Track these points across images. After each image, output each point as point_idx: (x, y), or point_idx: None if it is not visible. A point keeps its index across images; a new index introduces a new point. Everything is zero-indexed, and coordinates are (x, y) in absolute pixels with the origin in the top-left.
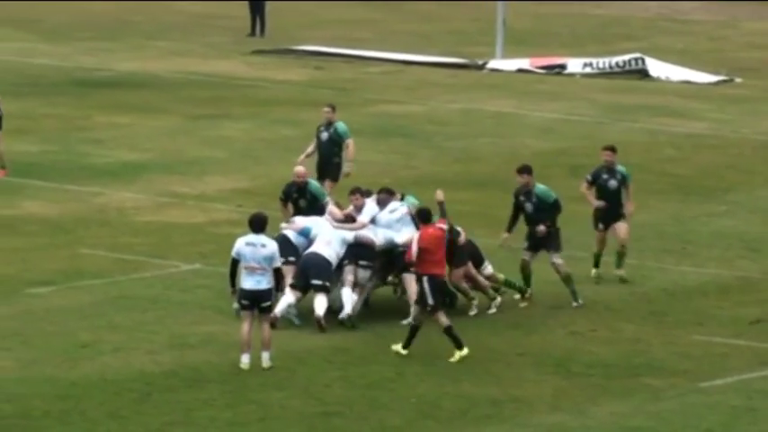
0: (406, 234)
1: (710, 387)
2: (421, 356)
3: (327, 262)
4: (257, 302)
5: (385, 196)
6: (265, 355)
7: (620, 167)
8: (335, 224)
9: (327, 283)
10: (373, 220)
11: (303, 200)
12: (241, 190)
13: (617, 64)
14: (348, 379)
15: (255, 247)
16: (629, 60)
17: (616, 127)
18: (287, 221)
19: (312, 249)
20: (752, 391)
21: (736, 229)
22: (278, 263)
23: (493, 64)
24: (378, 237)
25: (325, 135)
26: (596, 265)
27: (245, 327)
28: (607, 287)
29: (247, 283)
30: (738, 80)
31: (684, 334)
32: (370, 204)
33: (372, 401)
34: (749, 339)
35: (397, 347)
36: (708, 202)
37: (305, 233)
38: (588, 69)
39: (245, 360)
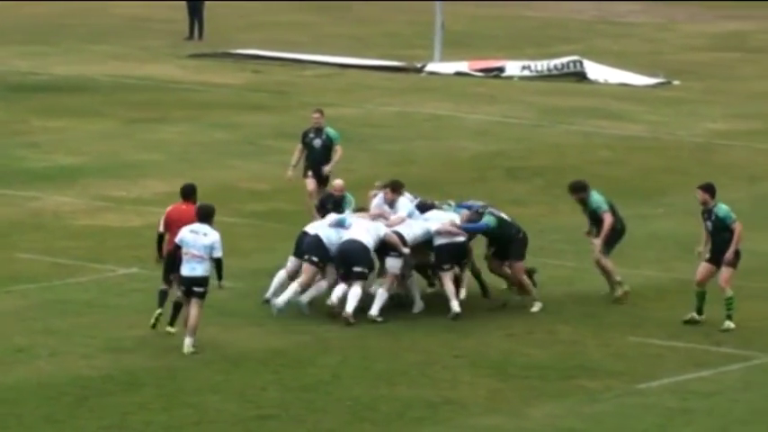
0: (437, 220)
1: (646, 389)
2: (356, 359)
3: (367, 249)
4: (191, 288)
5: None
6: (188, 341)
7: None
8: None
9: (367, 271)
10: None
11: (337, 212)
12: (178, 195)
13: (555, 67)
14: (283, 382)
15: (197, 235)
16: (568, 63)
17: (553, 129)
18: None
19: (351, 236)
20: (687, 393)
21: (672, 231)
22: (219, 253)
23: (431, 67)
24: (414, 229)
25: (318, 142)
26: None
27: (187, 311)
28: (543, 290)
29: (185, 269)
30: (676, 82)
31: (620, 335)
32: (404, 200)
33: (308, 404)
34: (685, 341)
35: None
36: (644, 205)
37: (341, 223)
38: (526, 72)
39: (187, 342)
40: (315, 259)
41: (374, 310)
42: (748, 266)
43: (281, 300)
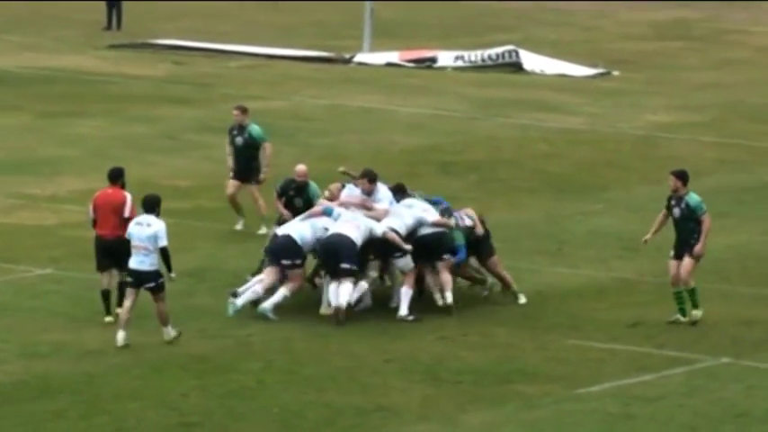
0: (420, 209)
1: (586, 394)
2: (283, 364)
3: (354, 245)
4: (141, 283)
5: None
6: (166, 330)
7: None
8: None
9: (356, 268)
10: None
11: (299, 199)
12: (95, 191)
13: (490, 57)
14: (206, 388)
15: (141, 226)
16: (503, 53)
17: (488, 122)
18: (285, 217)
19: (338, 230)
20: (629, 398)
21: (612, 229)
22: (163, 242)
23: (360, 57)
24: (405, 220)
25: (239, 140)
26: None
27: (126, 303)
28: (477, 290)
29: (132, 261)
30: (616, 73)
31: (559, 338)
32: (383, 188)
33: (232, 412)
34: (626, 343)
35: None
36: (583, 201)
37: (327, 212)
38: (460, 63)
39: (119, 336)
40: (298, 262)
41: (403, 310)
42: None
43: (240, 301)
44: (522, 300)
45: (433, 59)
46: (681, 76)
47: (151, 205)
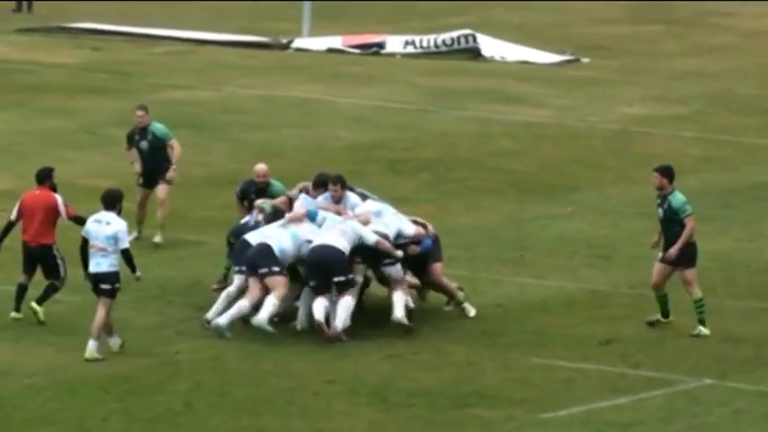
0: (411, 225)
1: (553, 419)
2: (213, 385)
3: (344, 255)
4: (97, 284)
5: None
6: (112, 341)
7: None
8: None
9: (351, 277)
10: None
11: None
12: (2, 191)
13: (444, 42)
14: (128, 412)
15: (100, 225)
16: (458, 38)
17: (442, 116)
18: (255, 218)
19: (324, 241)
20: (601, 423)
21: (582, 234)
22: (125, 244)
23: (298, 43)
24: (391, 227)
25: (144, 144)
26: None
27: (97, 312)
28: (431, 303)
29: (91, 264)
30: (586, 60)
31: (522, 357)
32: (354, 195)
33: None
34: (598, 363)
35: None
36: (549, 203)
37: (311, 216)
38: (410, 49)
39: (90, 347)
40: (276, 269)
41: (399, 312)
42: (675, 277)
43: (224, 319)
44: (472, 312)
45: (381, 45)
46: (659, 64)
47: (111, 202)
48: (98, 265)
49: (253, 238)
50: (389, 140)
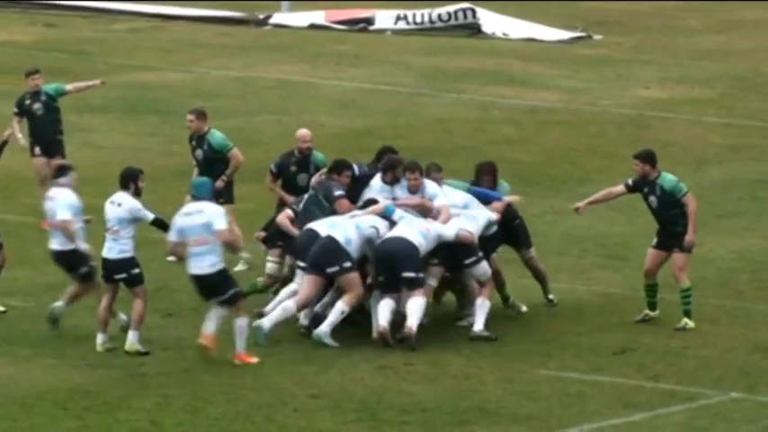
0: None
1: None
2: (184, 401)
3: (417, 250)
4: (111, 275)
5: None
6: (132, 335)
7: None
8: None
9: (422, 275)
10: None
11: (305, 174)
12: None
13: (440, 17)
14: (89, 430)
15: (113, 205)
16: (456, 12)
17: (438, 99)
18: (292, 205)
19: (396, 233)
20: None
21: (593, 231)
22: (149, 216)
23: (277, 18)
24: (479, 223)
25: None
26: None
27: (103, 302)
28: (428, 309)
29: (103, 249)
30: (597, 37)
31: (528, 368)
32: (434, 185)
33: None
34: (612, 375)
35: None
36: (557, 196)
37: (388, 211)
38: (402, 24)
39: (99, 340)
40: (347, 265)
41: (479, 325)
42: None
43: (267, 322)
44: (524, 308)
45: (369, 21)
46: (680, 41)
47: (125, 181)
48: (109, 250)
49: (320, 227)
50: (379, 127)
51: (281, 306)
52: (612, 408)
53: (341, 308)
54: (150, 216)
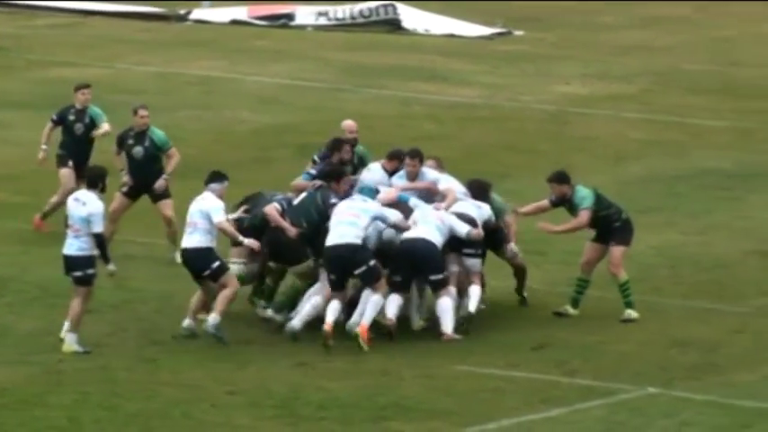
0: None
1: None
2: (101, 398)
3: (439, 252)
4: (68, 270)
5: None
6: (69, 337)
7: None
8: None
9: (447, 274)
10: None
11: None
12: None
13: (360, 13)
14: (3, 429)
15: (78, 204)
16: (377, 8)
17: (358, 95)
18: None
19: (417, 234)
20: None
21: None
22: (98, 228)
23: (198, 14)
24: (484, 211)
25: (139, 150)
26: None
27: (72, 303)
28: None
29: (64, 245)
30: (518, 33)
31: (445, 364)
32: (434, 172)
33: None
34: (530, 370)
35: None
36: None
37: (403, 200)
38: (323, 20)
39: (67, 339)
40: (372, 262)
41: (473, 306)
42: (603, 273)
43: (298, 322)
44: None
45: (290, 16)
46: (600, 38)
47: (93, 180)
48: (69, 246)
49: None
50: (300, 123)
51: (310, 303)
52: (530, 403)
53: (376, 301)
54: (99, 228)
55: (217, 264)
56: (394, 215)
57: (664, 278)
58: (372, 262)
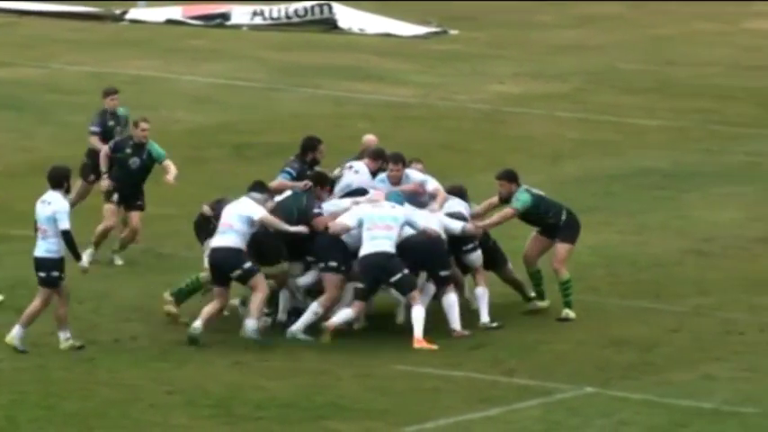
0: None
1: None
2: (38, 397)
3: (445, 245)
4: (36, 271)
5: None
6: (62, 335)
7: None
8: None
9: (452, 269)
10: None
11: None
12: None
13: (296, 12)
14: None
15: (44, 205)
16: (312, 8)
17: (294, 94)
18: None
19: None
20: None
21: None
22: (64, 225)
23: (134, 14)
24: (468, 209)
25: (136, 162)
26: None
27: (35, 301)
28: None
29: (35, 248)
30: (453, 32)
31: (383, 363)
32: (418, 173)
33: None
34: (467, 370)
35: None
36: None
37: (394, 200)
38: (258, 20)
39: (13, 331)
40: (333, 264)
41: (485, 317)
42: (550, 273)
43: (298, 328)
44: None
45: (225, 16)
46: (534, 37)
47: (57, 180)
48: (38, 248)
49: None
50: (235, 122)
51: (310, 309)
52: (468, 402)
53: (315, 309)
54: (65, 225)
55: (248, 265)
56: (423, 219)
57: (600, 278)
58: (406, 270)
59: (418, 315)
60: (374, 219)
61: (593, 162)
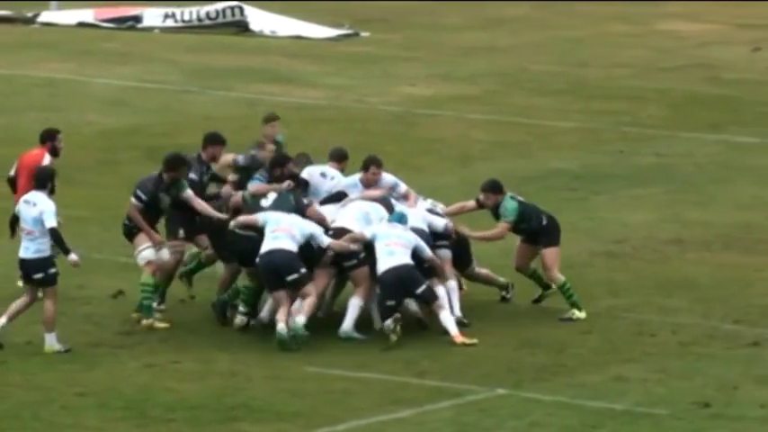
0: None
1: None
2: None
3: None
4: (28, 274)
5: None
6: (48, 337)
7: None
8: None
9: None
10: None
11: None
12: None
13: (208, 15)
14: None
15: (28, 206)
16: (224, 10)
17: (205, 97)
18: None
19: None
20: None
21: None
22: (51, 222)
23: (45, 16)
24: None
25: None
26: None
27: (19, 300)
28: (194, 306)
29: (20, 249)
30: (364, 34)
31: (294, 365)
32: (390, 176)
33: None
34: (378, 371)
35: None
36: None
37: (401, 219)
38: (170, 22)
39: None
40: (353, 262)
41: (457, 311)
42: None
43: (349, 326)
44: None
45: (137, 18)
46: (445, 39)
47: (42, 180)
48: (25, 250)
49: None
50: (147, 125)
51: (353, 305)
52: (379, 404)
53: (358, 303)
54: (52, 223)
55: (304, 270)
56: (411, 216)
57: (511, 279)
58: (428, 282)
59: (447, 317)
60: (390, 236)
61: (504, 164)
